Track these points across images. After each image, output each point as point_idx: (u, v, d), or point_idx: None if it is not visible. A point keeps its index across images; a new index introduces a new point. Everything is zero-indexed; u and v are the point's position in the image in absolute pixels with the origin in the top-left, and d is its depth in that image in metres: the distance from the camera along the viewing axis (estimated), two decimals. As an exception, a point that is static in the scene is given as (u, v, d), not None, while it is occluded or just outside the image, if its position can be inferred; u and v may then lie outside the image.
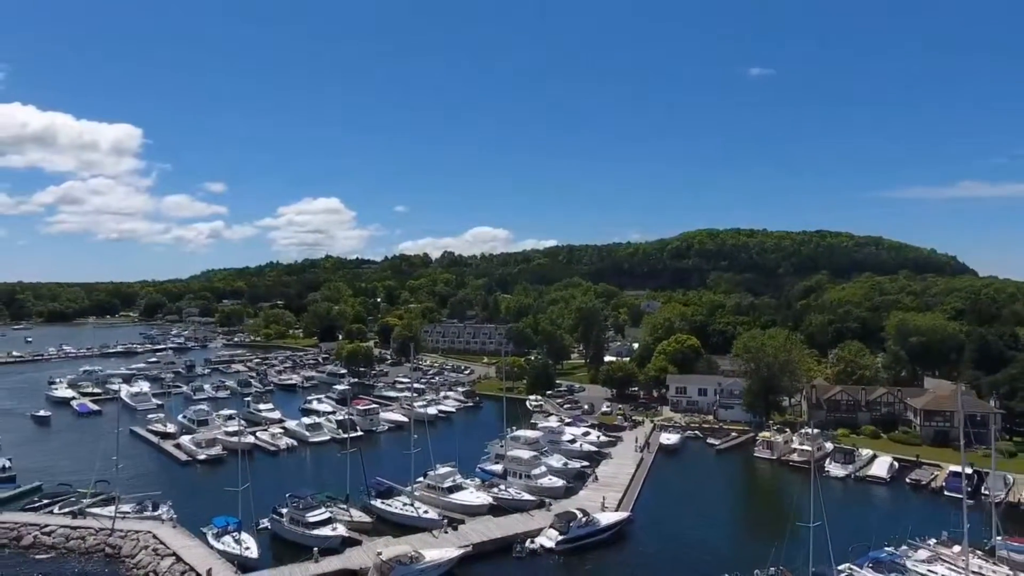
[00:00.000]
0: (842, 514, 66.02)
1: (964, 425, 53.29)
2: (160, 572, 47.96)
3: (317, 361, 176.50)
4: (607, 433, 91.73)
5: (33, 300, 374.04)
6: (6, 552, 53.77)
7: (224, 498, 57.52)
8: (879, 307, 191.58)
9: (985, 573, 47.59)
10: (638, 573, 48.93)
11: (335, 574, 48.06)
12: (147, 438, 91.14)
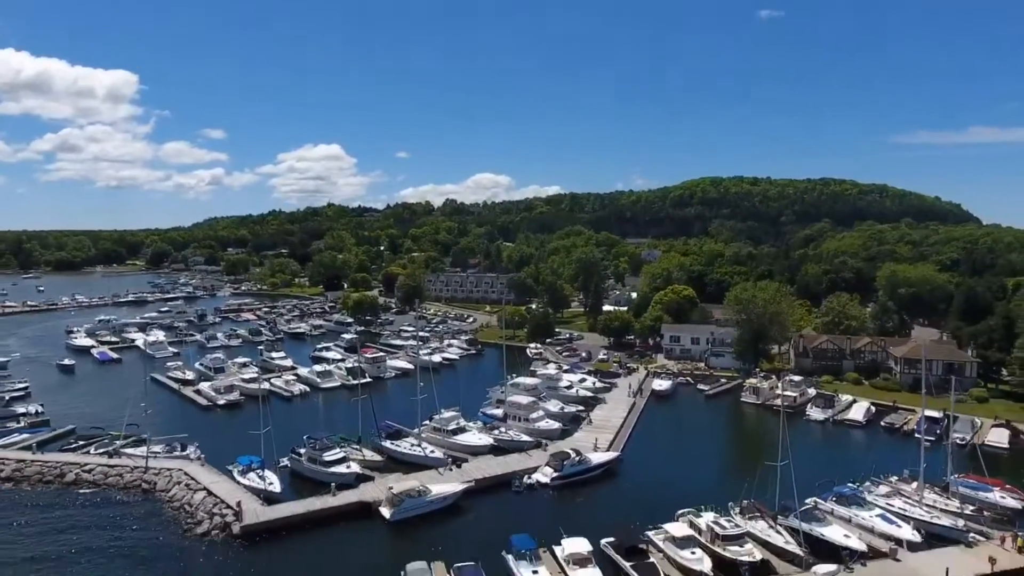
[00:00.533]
0: (817, 454, 71.55)
1: (927, 372, 57.23)
2: (194, 504, 53.28)
3: (324, 310, 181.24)
4: (602, 379, 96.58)
5: (40, 249, 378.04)
6: (52, 487, 59.21)
7: (245, 439, 62.62)
8: (874, 257, 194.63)
9: (938, 506, 52.53)
10: (624, 506, 53.98)
11: (351, 506, 53.40)
12: (168, 385, 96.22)
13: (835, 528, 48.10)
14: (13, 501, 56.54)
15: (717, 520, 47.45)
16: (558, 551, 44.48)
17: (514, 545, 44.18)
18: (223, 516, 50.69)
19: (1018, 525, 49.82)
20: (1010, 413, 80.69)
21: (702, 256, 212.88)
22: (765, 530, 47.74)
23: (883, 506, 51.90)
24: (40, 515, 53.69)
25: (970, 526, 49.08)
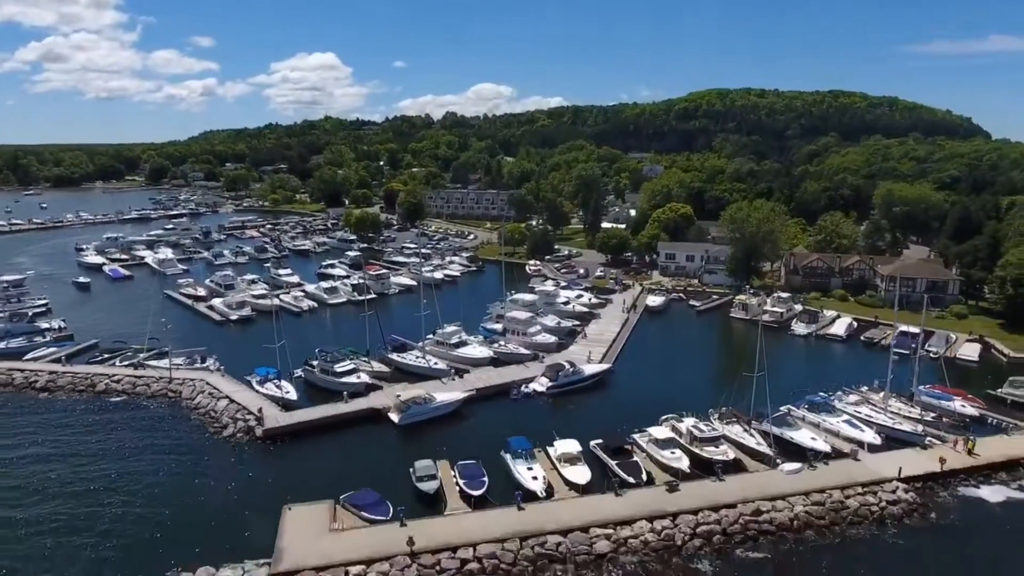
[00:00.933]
0: (797, 366, 76.19)
1: (899, 290, 60.49)
2: (218, 411, 58.06)
3: (326, 227, 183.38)
4: (598, 296, 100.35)
5: (38, 165, 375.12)
6: (85, 396, 64.02)
7: (260, 352, 66.99)
8: (875, 175, 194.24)
9: (901, 413, 57.13)
10: (613, 413, 58.62)
11: (362, 412, 58.17)
12: (181, 301, 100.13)
13: (804, 432, 52.84)
14: (51, 408, 61.43)
15: (696, 424, 52.11)
16: (551, 451, 49.33)
17: (511, 446, 48.94)
18: (246, 421, 55.52)
19: (972, 430, 54.53)
20: (986, 329, 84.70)
21: (703, 172, 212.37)
22: (740, 433, 52.47)
23: (851, 413, 56.50)
24: (77, 420, 58.62)
25: (928, 431, 53.75)
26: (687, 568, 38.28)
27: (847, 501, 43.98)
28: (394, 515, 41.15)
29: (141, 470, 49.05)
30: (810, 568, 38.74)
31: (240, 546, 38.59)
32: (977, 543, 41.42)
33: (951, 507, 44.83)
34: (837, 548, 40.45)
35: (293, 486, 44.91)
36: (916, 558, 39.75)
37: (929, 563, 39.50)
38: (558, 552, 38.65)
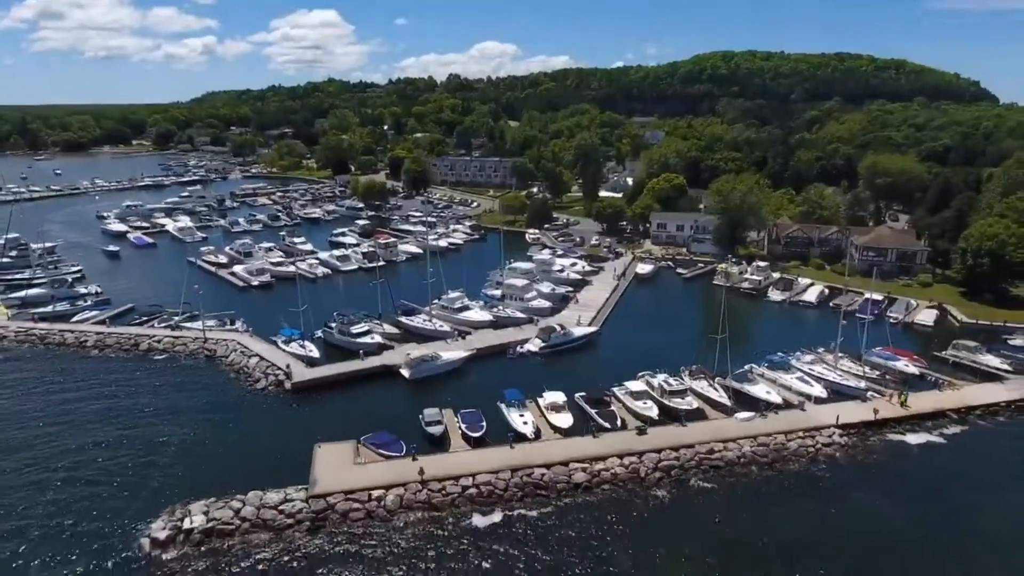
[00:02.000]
0: (768, 329, 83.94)
1: (849, 259, 67.61)
2: (251, 367, 66.23)
3: (334, 194, 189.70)
4: (592, 263, 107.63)
5: (46, 129, 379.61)
6: (131, 355, 72.24)
7: (283, 314, 75.16)
8: (869, 144, 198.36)
9: (851, 371, 64.90)
10: (596, 370, 66.32)
11: (376, 368, 66.30)
12: (204, 267, 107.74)
13: (760, 387, 60.83)
14: (103, 365, 69.73)
15: (667, 379, 59.98)
16: (540, 401, 57.40)
17: (506, 396, 57.07)
18: (276, 376, 63.74)
19: (909, 386, 62.33)
20: (948, 297, 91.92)
21: (703, 140, 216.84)
22: (705, 388, 60.43)
23: (804, 370, 64.40)
24: (127, 375, 66.89)
25: (870, 386, 61.68)
26: (648, 495, 46.62)
27: (788, 443, 52.16)
28: (407, 452, 49.44)
29: (190, 417, 57.40)
30: (749, 495, 46.98)
31: (281, 476, 46.85)
32: (893, 476, 49.53)
33: (877, 449, 52.98)
34: (774, 480, 48.72)
35: (321, 429, 53.12)
36: (839, 487, 47.94)
37: (849, 491, 47.63)
38: (543, 482, 46.98)
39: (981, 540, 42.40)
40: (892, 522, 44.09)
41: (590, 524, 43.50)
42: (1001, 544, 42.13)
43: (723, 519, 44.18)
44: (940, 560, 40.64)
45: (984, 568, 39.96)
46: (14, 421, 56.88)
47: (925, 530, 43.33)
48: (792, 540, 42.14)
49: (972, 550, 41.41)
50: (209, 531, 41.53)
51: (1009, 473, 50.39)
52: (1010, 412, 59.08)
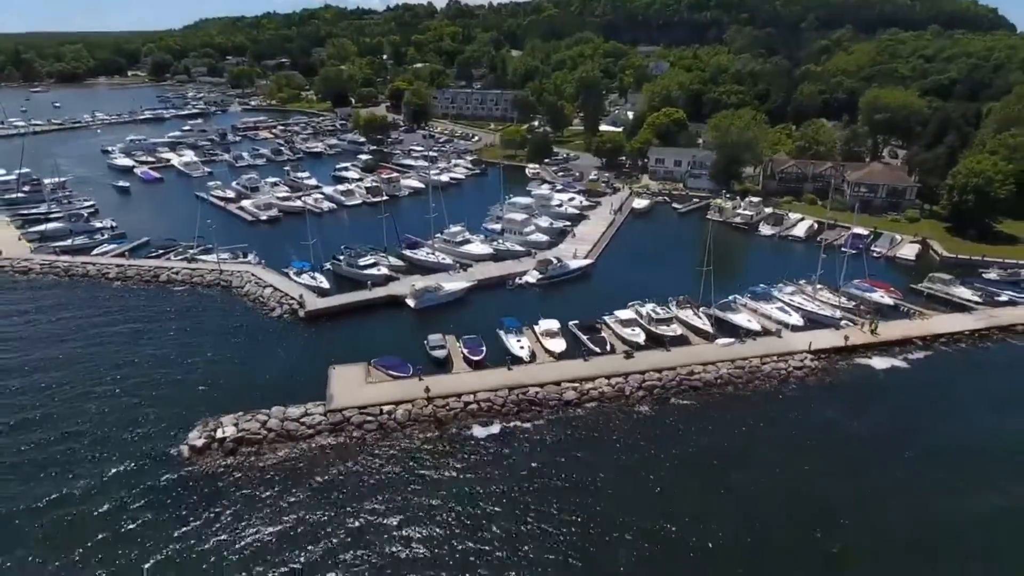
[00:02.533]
0: (755, 261, 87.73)
1: (833, 194, 70.10)
2: (266, 297, 70.59)
3: (335, 128, 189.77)
4: (590, 198, 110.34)
5: (39, 59, 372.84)
6: (152, 286, 76.51)
7: (293, 248, 79.08)
8: (874, 76, 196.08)
9: (829, 301, 69.00)
10: (590, 300, 70.37)
11: (383, 298, 70.62)
12: (213, 202, 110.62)
13: (742, 315, 65.10)
14: (126, 295, 74.12)
15: (655, 308, 64.26)
16: (536, 328, 61.86)
17: (504, 323, 61.52)
18: (290, 305, 68.17)
19: (882, 316, 66.57)
20: (934, 232, 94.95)
21: (707, 71, 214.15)
22: (690, 316, 64.74)
23: (784, 301, 68.51)
24: (150, 305, 71.36)
25: (845, 316, 65.92)
26: (631, 410, 51.67)
27: (763, 367, 56.91)
28: (413, 373, 54.31)
29: (213, 342, 62.20)
30: (723, 411, 52.01)
31: (300, 394, 51.78)
32: (856, 395, 54.46)
33: (844, 371, 57.78)
34: (747, 398, 53.70)
35: (334, 353, 57.85)
36: (805, 404, 52.93)
37: (813, 407, 52.63)
38: (536, 399, 51.98)
39: (925, 449, 47.52)
40: (848, 432, 49.29)
41: (578, 435, 48.70)
42: (941, 452, 47.24)
43: (697, 430, 49.34)
44: (886, 464, 45.82)
45: (923, 468, 45.14)
46: (54, 343, 61.87)
47: (877, 439, 48.47)
48: (756, 447, 47.38)
49: (916, 457, 46.54)
50: (239, 440, 46.78)
51: (961, 394, 55.20)
52: (972, 340, 63.54)
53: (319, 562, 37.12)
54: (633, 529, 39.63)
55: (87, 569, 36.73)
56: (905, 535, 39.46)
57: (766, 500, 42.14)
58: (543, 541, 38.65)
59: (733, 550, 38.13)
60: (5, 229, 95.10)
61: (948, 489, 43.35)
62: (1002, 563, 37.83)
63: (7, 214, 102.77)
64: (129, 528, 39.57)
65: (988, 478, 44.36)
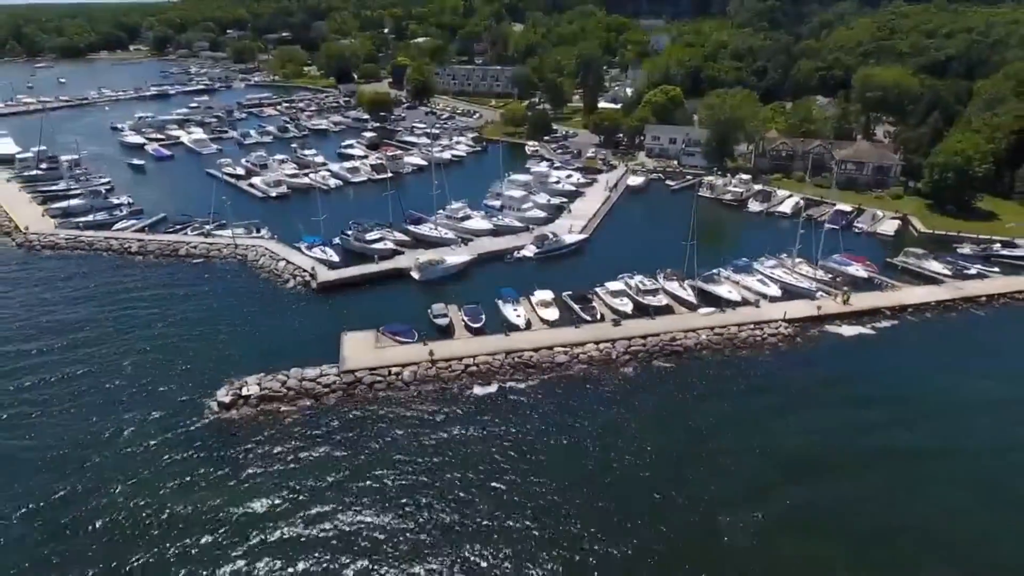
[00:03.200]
0: (741, 236, 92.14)
1: (808, 171, 74.77)
2: (280, 270, 75.46)
3: (339, 104, 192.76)
4: (587, 175, 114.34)
5: (41, 34, 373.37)
6: (171, 260, 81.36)
7: (303, 223, 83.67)
8: (873, 52, 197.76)
9: (807, 274, 73.61)
10: (582, 272, 74.98)
11: (390, 271, 75.47)
12: (223, 179, 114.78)
13: (724, 287, 69.80)
14: (148, 268, 79.06)
15: (643, 280, 68.98)
16: (532, 298, 66.69)
17: (503, 294, 66.41)
18: (303, 277, 73.07)
19: (856, 288, 71.18)
20: (915, 208, 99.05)
21: (707, 46, 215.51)
22: (676, 288, 69.49)
23: (765, 273, 73.17)
24: (172, 276, 76.35)
25: (820, 287, 70.62)
26: (617, 371, 56.78)
27: (740, 334, 61.83)
28: (418, 338, 59.32)
29: (233, 311, 67.29)
30: (701, 373, 57.07)
31: (316, 357, 56.78)
32: (824, 360, 59.44)
33: (815, 338, 62.69)
34: (723, 361, 58.73)
35: (345, 321, 62.86)
36: (778, 369, 57.91)
37: (783, 369, 57.64)
38: (531, 361, 57.06)
39: (870, 398, 52.66)
40: (811, 390, 54.39)
41: (568, 393, 53.88)
42: (887, 401, 52.29)
43: (676, 390, 54.50)
44: (842, 418, 50.92)
45: (869, 423, 50.25)
46: (86, 311, 67.07)
47: (837, 397, 53.52)
48: (728, 404, 52.49)
49: (866, 412, 51.64)
50: (262, 397, 52.00)
51: (920, 359, 60.07)
52: (939, 311, 68.24)
53: (332, 496, 42.51)
54: (615, 472, 44.91)
55: (137, 498, 42.16)
56: (843, 459, 44.75)
57: (730, 447, 47.31)
58: (532, 482, 43.94)
59: (701, 487, 43.37)
60: (28, 206, 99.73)
61: (884, 425, 48.52)
62: (917, 487, 43.02)
63: (28, 191, 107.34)
64: (167, 468, 45.00)
65: (930, 424, 49.55)
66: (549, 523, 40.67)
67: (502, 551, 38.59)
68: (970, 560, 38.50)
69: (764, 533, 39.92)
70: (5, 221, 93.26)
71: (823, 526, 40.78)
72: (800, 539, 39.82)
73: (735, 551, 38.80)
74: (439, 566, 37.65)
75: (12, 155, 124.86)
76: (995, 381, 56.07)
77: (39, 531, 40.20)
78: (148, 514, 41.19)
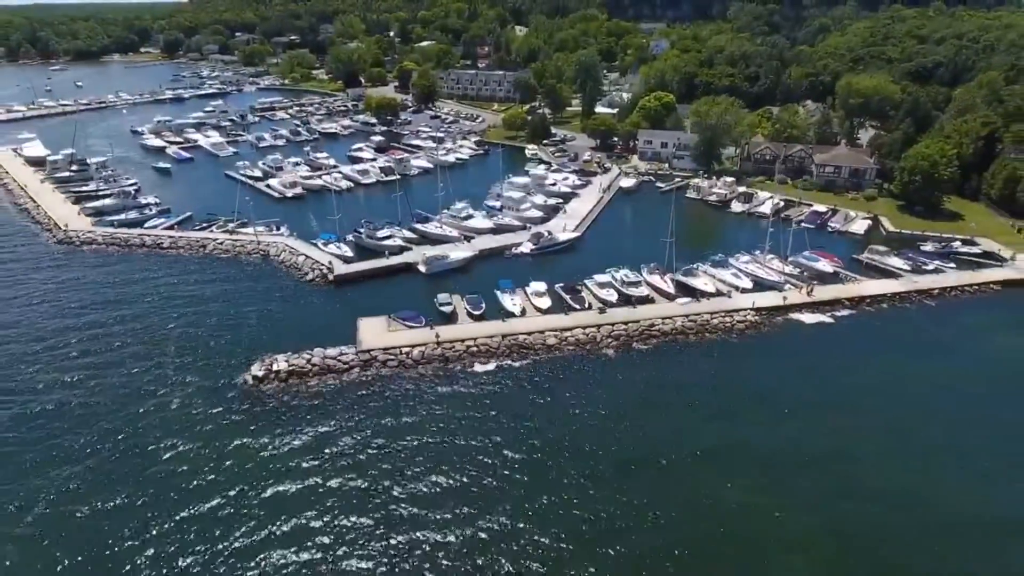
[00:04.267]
0: (721, 234, 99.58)
1: (780, 171, 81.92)
2: (299, 264, 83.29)
3: (347, 108, 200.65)
4: (582, 177, 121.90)
5: (56, 38, 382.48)
6: (199, 255, 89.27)
7: (319, 221, 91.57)
8: (862, 58, 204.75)
9: (777, 269, 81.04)
10: (573, 266, 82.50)
11: (399, 265, 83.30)
12: (242, 180, 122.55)
13: (700, 280, 77.38)
14: (180, 262, 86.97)
15: (627, 273, 76.58)
16: (527, 289, 74.34)
17: (501, 285, 74.17)
18: (321, 270, 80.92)
19: (822, 281, 78.66)
20: (887, 209, 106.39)
21: (704, 53, 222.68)
22: (657, 281, 77.13)
23: (739, 268, 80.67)
24: (202, 270, 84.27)
25: (788, 280, 78.10)
26: (600, 352, 64.50)
27: (712, 320, 69.43)
28: (425, 324, 67.06)
29: (260, 299, 75.19)
30: (674, 353, 64.69)
31: (335, 339, 64.51)
32: (785, 343, 67.02)
33: (779, 325, 70.29)
34: (696, 343, 66.42)
35: (360, 309, 70.57)
36: (745, 351, 65.50)
37: (747, 351, 65.22)
38: (525, 343, 64.79)
39: (825, 375, 60.21)
40: (772, 370, 61.96)
41: (557, 371, 61.60)
42: (840, 377, 59.87)
43: (650, 367, 62.22)
44: (789, 388, 58.49)
45: (813, 387, 57.82)
46: (127, 298, 75.26)
47: (792, 368, 61.11)
48: (698, 378, 60.12)
49: (812, 379, 59.24)
50: (290, 372, 59.83)
51: (871, 343, 67.54)
52: (894, 301, 75.75)
53: (351, 452, 50.35)
54: (590, 437, 52.58)
55: (185, 449, 50.01)
56: (769, 410, 52.43)
57: (694, 413, 54.96)
58: (523, 441, 51.65)
59: (667, 447, 51.03)
60: (64, 205, 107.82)
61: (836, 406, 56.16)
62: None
63: (61, 191, 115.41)
64: (211, 426, 53.00)
65: (872, 400, 57.14)
66: (538, 471, 48.45)
67: (497, 492, 46.36)
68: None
69: (697, 465, 48.23)
70: (44, 219, 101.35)
71: (742, 455, 48.45)
72: (724, 465, 48.02)
73: (672, 476, 46.54)
74: (443, 504, 45.38)
75: (43, 157, 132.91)
76: (931, 360, 63.68)
77: (107, 459, 48.16)
78: (191, 465, 49.06)
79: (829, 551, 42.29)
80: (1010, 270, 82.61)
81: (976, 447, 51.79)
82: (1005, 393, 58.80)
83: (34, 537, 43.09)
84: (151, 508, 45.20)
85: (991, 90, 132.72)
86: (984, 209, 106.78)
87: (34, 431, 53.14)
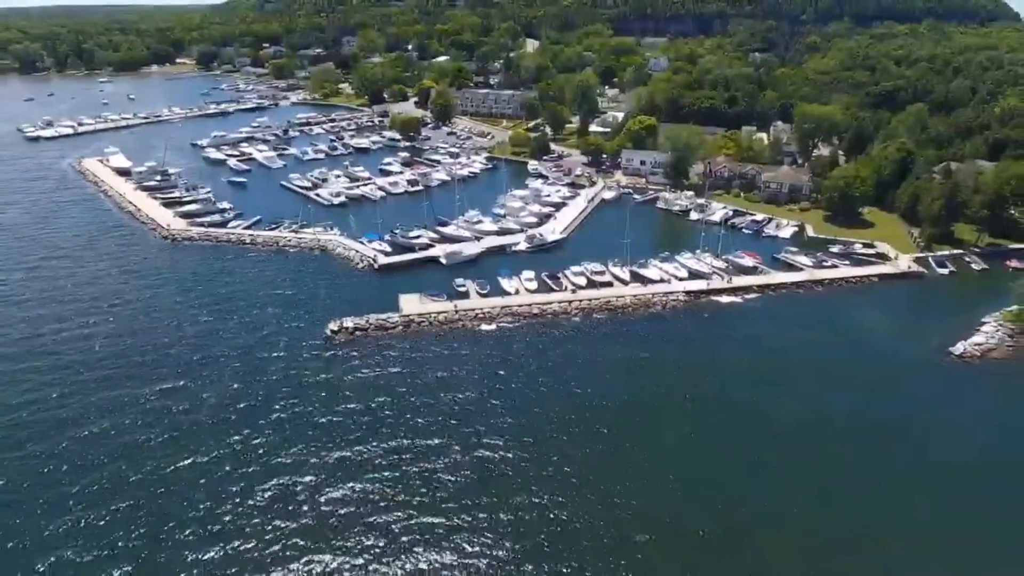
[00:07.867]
0: (675, 237, 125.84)
1: (707, 187, 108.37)
2: (351, 257, 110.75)
3: (374, 124, 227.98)
4: (572, 190, 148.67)
5: (98, 50, 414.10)
6: (274, 249, 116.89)
7: (363, 224, 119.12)
8: (831, 83, 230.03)
9: (710, 264, 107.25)
10: (557, 260, 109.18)
11: (426, 258, 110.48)
12: (296, 190, 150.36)
13: (651, 270, 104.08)
14: (259, 255, 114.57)
15: (596, 265, 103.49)
16: (521, 276, 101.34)
17: (502, 272, 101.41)
18: (368, 261, 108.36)
19: (742, 273, 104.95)
20: (815, 218, 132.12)
21: (693, 74, 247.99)
22: (617, 271, 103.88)
23: (681, 262, 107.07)
24: (278, 260, 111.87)
25: (715, 272, 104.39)
26: (569, 320, 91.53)
27: (652, 299, 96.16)
28: (447, 298, 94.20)
29: (324, 282, 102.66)
30: (623, 321, 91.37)
31: (383, 308, 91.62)
32: (703, 316, 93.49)
33: (701, 304, 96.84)
34: (639, 316, 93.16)
35: (399, 288, 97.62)
36: (674, 321, 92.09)
37: (679, 324, 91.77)
38: (517, 312, 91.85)
39: (732, 339, 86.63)
40: (694, 337, 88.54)
41: (538, 332, 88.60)
42: (751, 342, 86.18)
43: (606, 331, 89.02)
44: (709, 348, 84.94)
45: (722, 347, 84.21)
46: (230, 278, 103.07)
47: (709, 334, 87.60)
48: (636, 337, 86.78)
49: (726, 341, 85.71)
50: (354, 329, 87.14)
51: (767, 316, 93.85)
52: (791, 288, 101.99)
53: (398, 380, 77.39)
54: (555, 368, 79.36)
55: (280, 384, 77.24)
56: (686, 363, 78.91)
57: (633, 368, 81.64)
58: (511, 381, 78.55)
59: (606, 377, 77.76)
60: (159, 209, 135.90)
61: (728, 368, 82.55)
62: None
63: (150, 197, 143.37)
64: (301, 366, 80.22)
65: (751, 349, 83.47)
66: (521, 406, 75.40)
67: (492, 397, 73.40)
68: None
69: (625, 407, 74.74)
70: (147, 220, 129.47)
71: (663, 402, 75.10)
72: (648, 411, 74.49)
73: (605, 417, 73.28)
74: (453, 409, 72.37)
75: (128, 168, 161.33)
76: (810, 331, 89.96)
77: (236, 373, 75.58)
78: (296, 380, 76.35)
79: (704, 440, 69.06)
80: (890, 267, 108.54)
81: (800, 375, 78.25)
82: (841, 345, 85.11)
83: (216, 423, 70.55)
84: (266, 405, 72.55)
85: (917, 119, 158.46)
86: (896, 219, 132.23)
87: (196, 351, 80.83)
